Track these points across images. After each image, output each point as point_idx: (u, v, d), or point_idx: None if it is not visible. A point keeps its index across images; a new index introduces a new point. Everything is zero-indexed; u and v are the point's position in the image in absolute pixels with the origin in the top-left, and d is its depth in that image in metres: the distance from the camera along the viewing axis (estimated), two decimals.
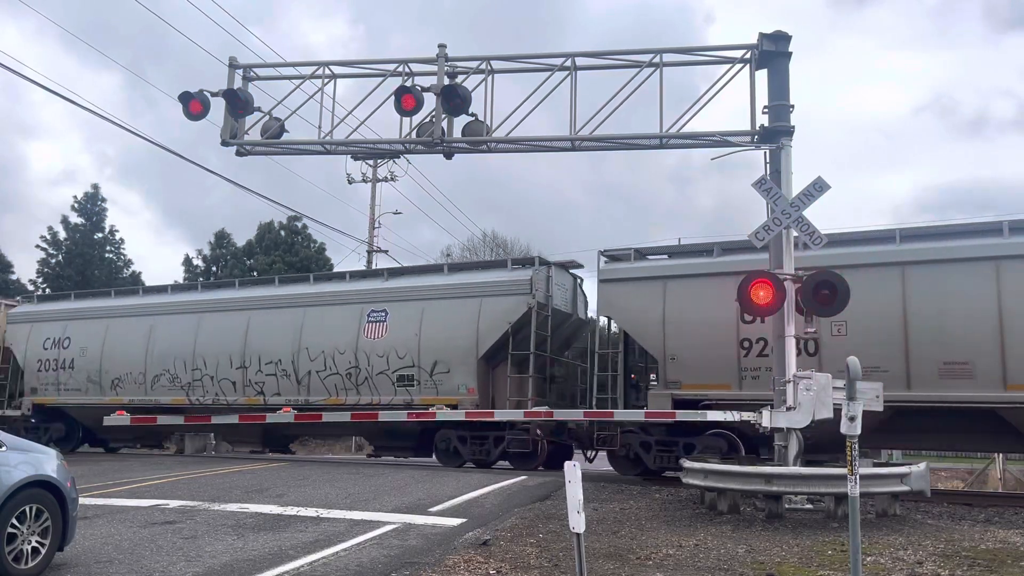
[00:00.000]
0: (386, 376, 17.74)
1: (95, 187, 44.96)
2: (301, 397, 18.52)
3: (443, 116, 13.11)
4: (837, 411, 7.54)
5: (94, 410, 20.60)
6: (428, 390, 17.34)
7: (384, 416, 17.14)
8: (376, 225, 34.04)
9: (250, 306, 19.90)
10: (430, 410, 16.81)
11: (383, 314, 18.01)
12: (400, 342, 17.58)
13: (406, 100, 12.97)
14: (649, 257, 16.20)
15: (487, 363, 17.31)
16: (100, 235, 43.94)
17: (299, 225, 44.77)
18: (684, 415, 14.25)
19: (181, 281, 39.08)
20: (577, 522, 6.01)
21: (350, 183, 33.36)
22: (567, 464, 6.29)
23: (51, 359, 21.86)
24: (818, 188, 11.32)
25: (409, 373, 17.48)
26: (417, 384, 17.44)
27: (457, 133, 13.23)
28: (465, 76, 13.38)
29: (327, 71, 14.06)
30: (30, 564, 6.60)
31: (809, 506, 11.21)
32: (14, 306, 24.18)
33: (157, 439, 22.21)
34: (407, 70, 13.54)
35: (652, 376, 16.28)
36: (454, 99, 12.98)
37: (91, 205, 43.90)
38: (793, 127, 11.97)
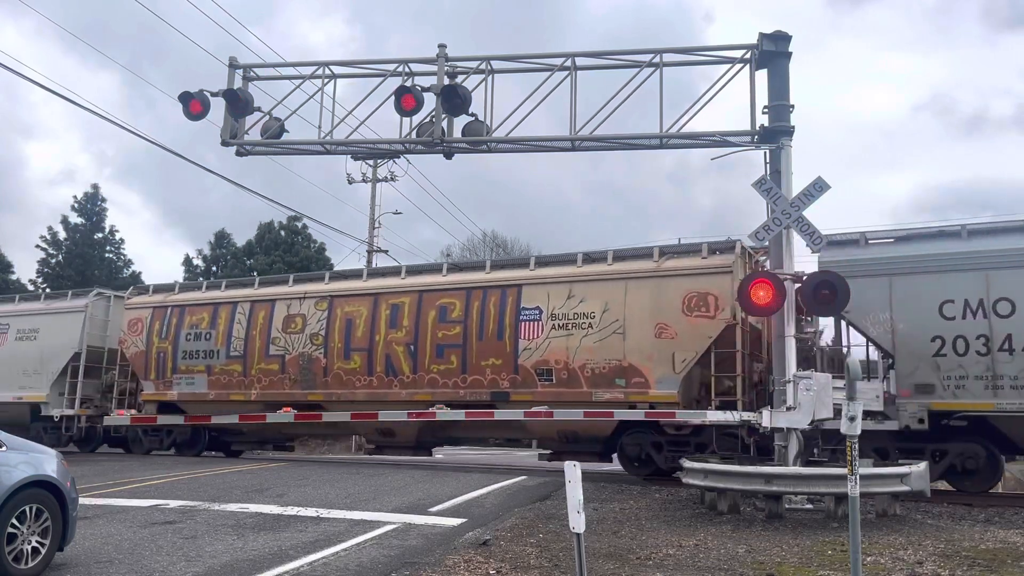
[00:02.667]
0: None
1: (95, 187, 45.08)
2: None
3: (443, 116, 13.12)
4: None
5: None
6: None
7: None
8: (376, 225, 34.00)
9: None
10: None
11: None
12: None
13: (406, 100, 12.98)
14: None
15: None
16: (100, 235, 43.97)
17: (299, 225, 44.82)
18: (684, 415, 14.22)
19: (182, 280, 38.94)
20: (577, 522, 6.00)
21: (350, 183, 33.30)
22: (567, 464, 6.29)
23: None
24: (818, 188, 11.34)
25: None
26: None
27: (457, 133, 13.24)
28: (465, 76, 13.40)
29: (327, 71, 14.08)
30: (30, 564, 6.60)
31: (809, 506, 11.21)
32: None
33: None
34: (407, 70, 13.55)
35: None
36: (454, 99, 13.00)
37: (91, 205, 43.94)
38: (793, 127, 11.99)
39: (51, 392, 20.79)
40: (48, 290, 36.57)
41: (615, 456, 16.18)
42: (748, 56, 12.36)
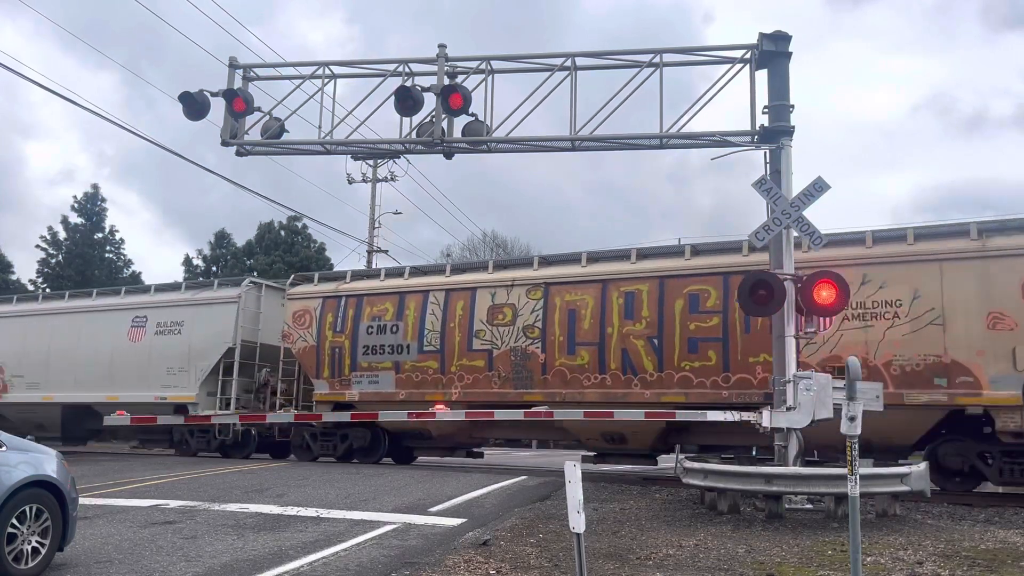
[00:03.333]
0: None
1: (95, 187, 45.17)
2: None
3: (443, 116, 13.12)
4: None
5: None
6: None
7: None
8: (376, 225, 34.01)
9: None
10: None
11: None
12: None
13: (406, 100, 12.97)
14: None
15: None
16: (100, 235, 44.02)
17: (299, 225, 44.91)
18: (684, 415, 14.20)
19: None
20: (577, 522, 6.01)
21: (350, 183, 33.32)
22: (567, 464, 6.29)
23: None
24: (818, 188, 11.33)
25: None
26: None
27: (457, 133, 13.23)
28: (465, 76, 13.38)
29: (327, 71, 14.07)
30: (30, 564, 6.61)
31: (809, 506, 11.22)
32: None
33: None
34: (407, 70, 13.54)
35: None
36: (454, 99, 12.99)
37: (91, 205, 44.00)
38: (793, 127, 11.98)
39: (200, 392, 19.07)
40: (48, 290, 36.64)
41: None
42: (748, 56, 12.35)
